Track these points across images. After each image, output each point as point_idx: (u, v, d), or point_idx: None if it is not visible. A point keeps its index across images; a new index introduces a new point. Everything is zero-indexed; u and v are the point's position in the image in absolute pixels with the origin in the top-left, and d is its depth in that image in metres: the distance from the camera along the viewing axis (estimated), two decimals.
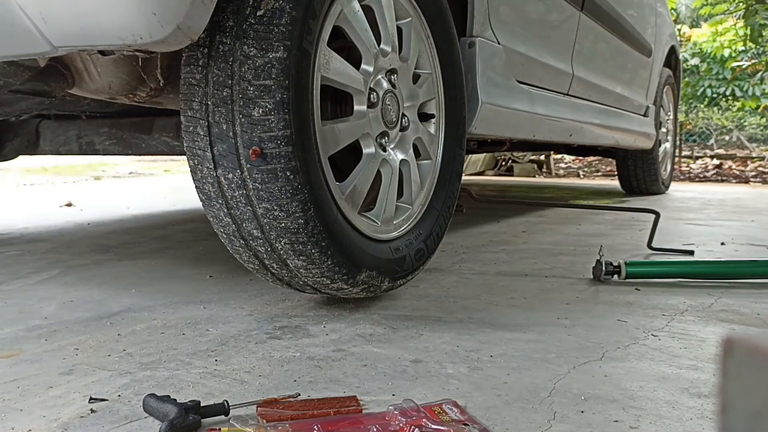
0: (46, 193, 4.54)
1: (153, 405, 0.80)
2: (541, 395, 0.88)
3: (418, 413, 0.78)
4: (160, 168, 7.82)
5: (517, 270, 1.77)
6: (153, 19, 0.86)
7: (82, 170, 7.14)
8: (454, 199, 1.58)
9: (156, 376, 0.96)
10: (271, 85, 1.04)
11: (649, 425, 0.79)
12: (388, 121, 1.35)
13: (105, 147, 1.98)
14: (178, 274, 1.73)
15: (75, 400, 0.88)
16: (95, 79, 1.17)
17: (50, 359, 1.05)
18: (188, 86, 1.09)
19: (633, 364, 1.01)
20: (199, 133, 1.09)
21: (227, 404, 0.80)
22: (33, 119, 2.10)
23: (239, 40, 1.05)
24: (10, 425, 0.80)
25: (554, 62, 2.29)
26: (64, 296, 1.49)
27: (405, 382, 0.93)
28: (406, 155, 1.42)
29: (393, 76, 1.37)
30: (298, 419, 0.79)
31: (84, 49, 0.96)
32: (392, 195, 1.38)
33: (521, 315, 1.30)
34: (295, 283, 1.25)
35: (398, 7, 1.40)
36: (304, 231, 1.11)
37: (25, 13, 0.87)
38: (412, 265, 1.39)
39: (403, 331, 1.19)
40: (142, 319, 1.29)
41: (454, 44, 1.57)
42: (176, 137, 1.86)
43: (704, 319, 1.28)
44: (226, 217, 1.15)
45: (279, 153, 1.06)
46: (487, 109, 1.76)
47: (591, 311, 1.34)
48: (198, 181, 1.14)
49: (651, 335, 1.17)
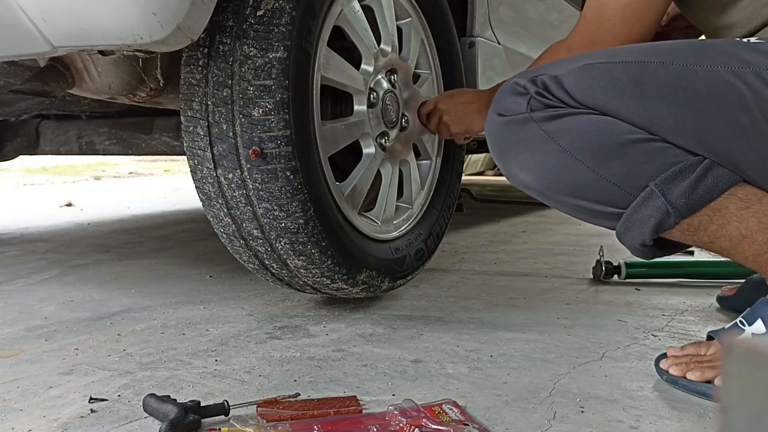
0: (46, 193, 4.55)
1: (153, 405, 0.80)
2: (541, 395, 0.88)
3: (418, 413, 0.78)
4: (160, 168, 7.82)
5: (517, 270, 1.77)
6: (153, 19, 0.86)
7: (82, 170, 7.14)
8: (454, 199, 1.59)
9: (156, 376, 0.96)
10: (271, 85, 1.04)
11: (649, 425, 0.79)
12: (388, 121, 1.35)
13: (105, 147, 1.98)
14: (178, 274, 1.73)
15: (75, 400, 0.88)
16: (95, 79, 1.17)
17: (50, 359, 1.05)
18: (188, 86, 1.09)
19: (633, 364, 1.01)
20: (199, 133, 1.09)
21: (227, 404, 0.80)
22: (33, 119, 2.10)
23: (239, 40, 1.05)
24: (10, 425, 0.80)
25: None
26: (64, 296, 1.49)
27: (405, 382, 0.93)
28: (406, 155, 1.42)
29: (393, 76, 1.37)
30: (298, 419, 0.79)
31: (84, 49, 0.96)
32: (392, 195, 1.38)
33: (521, 315, 1.30)
34: (295, 283, 1.25)
35: (398, 7, 1.40)
36: (304, 231, 1.11)
37: (25, 13, 0.87)
38: (412, 265, 1.39)
39: (403, 331, 1.19)
40: (142, 319, 1.29)
41: (454, 44, 1.57)
42: (176, 137, 1.86)
43: (704, 319, 1.28)
44: (226, 217, 1.15)
45: (279, 153, 1.06)
46: None
47: (591, 311, 1.34)
48: (198, 181, 1.14)
49: (651, 335, 1.17)
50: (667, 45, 0.92)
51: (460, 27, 1.68)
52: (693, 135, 0.86)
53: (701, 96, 0.85)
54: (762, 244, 0.85)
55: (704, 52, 0.87)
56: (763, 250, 0.86)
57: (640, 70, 0.87)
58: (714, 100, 0.85)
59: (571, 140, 0.88)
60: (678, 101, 0.86)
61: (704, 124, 0.85)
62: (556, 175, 0.91)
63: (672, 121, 0.86)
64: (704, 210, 0.87)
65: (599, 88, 0.88)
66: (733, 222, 0.86)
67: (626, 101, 0.87)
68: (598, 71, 0.89)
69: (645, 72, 0.87)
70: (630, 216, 0.90)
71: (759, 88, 0.83)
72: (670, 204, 0.86)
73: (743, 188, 0.87)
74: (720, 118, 0.85)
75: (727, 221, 0.86)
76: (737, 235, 0.86)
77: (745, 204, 0.86)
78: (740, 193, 0.87)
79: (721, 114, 0.85)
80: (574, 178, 0.90)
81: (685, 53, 0.88)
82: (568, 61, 0.93)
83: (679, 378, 0.92)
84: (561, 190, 0.92)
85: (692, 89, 0.85)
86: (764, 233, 0.85)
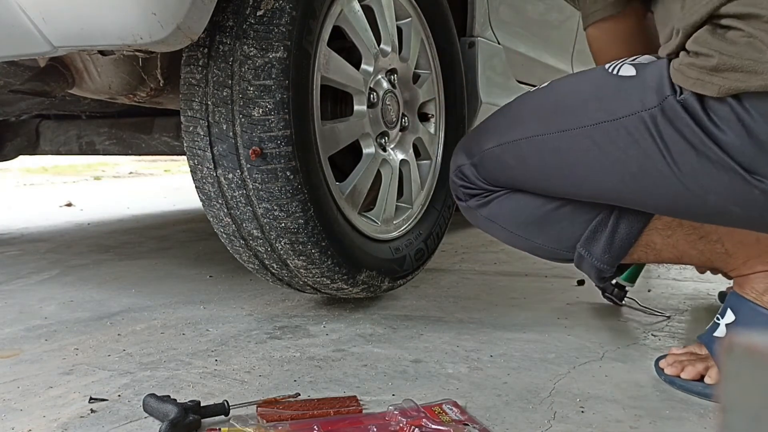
0: (46, 193, 4.55)
1: (153, 405, 0.80)
2: (541, 395, 0.88)
3: (418, 413, 0.78)
4: (160, 168, 7.82)
5: (517, 270, 1.77)
6: (153, 19, 0.86)
7: (82, 170, 7.14)
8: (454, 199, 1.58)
9: (156, 376, 0.96)
10: (271, 85, 1.04)
11: (649, 425, 0.79)
12: (388, 121, 1.35)
13: (105, 147, 1.99)
14: (178, 274, 1.73)
15: (75, 400, 0.88)
16: (95, 79, 1.17)
17: (50, 359, 1.05)
18: (188, 86, 1.09)
19: (633, 364, 1.01)
20: (199, 133, 1.09)
21: (227, 404, 0.80)
22: (33, 119, 2.10)
23: (239, 40, 1.05)
24: (10, 425, 0.80)
25: (554, 62, 2.29)
26: (64, 296, 1.49)
27: (405, 382, 0.93)
28: (406, 155, 1.42)
29: (393, 76, 1.37)
30: (298, 419, 0.79)
31: (84, 49, 0.96)
32: (392, 195, 1.38)
33: (521, 315, 1.30)
34: (295, 283, 1.25)
35: (398, 7, 1.40)
36: (304, 231, 1.11)
37: (25, 13, 0.87)
38: (412, 265, 1.39)
39: (403, 331, 1.19)
40: (142, 319, 1.29)
41: (454, 44, 1.57)
42: (176, 137, 1.86)
43: (704, 319, 1.28)
44: (226, 217, 1.15)
45: (279, 153, 1.06)
46: (487, 108, 1.76)
47: (591, 311, 1.34)
48: (198, 181, 1.14)
49: (651, 335, 1.17)
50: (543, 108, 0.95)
51: (460, 27, 1.68)
52: (581, 193, 0.93)
53: (567, 156, 0.90)
54: (698, 256, 0.95)
55: (568, 113, 0.90)
56: (702, 259, 0.96)
57: (518, 150, 0.94)
58: (576, 155, 0.89)
59: (504, 221, 1.02)
60: (554, 169, 0.92)
61: (581, 180, 0.90)
62: (510, 243, 1.06)
63: (560, 188, 0.94)
64: (635, 248, 0.95)
65: (498, 173, 0.99)
66: (666, 249, 0.95)
67: (521, 180, 0.97)
68: (491, 159, 0.98)
69: (523, 150, 0.94)
70: (577, 267, 1.02)
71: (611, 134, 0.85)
72: (597, 261, 0.97)
73: (660, 219, 0.93)
74: (587, 168, 0.88)
75: (660, 250, 0.96)
76: (674, 257, 0.97)
77: (668, 233, 0.94)
78: (659, 225, 0.94)
79: (586, 164, 0.88)
80: (522, 246, 1.04)
81: (553, 118, 0.91)
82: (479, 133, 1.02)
83: (675, 378, 0.92)
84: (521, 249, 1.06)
85: (559, 154, 0.91)
86: (695, 248, 0.94)
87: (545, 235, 1.00)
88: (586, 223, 0.96)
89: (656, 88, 0.81)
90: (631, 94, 0.83)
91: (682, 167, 0.80)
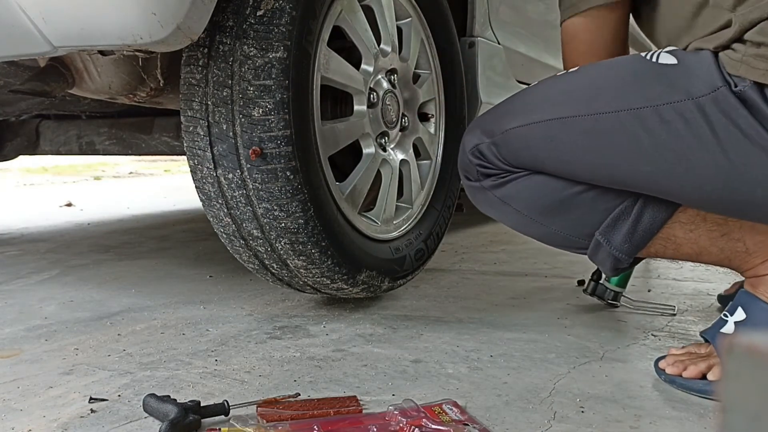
0: (46, 193, 4.55)
1: (153, 405, 0.80)
2: (542, 395, 0.88)
3: (418, 413, 0.78)
4: (160, 168, 7.82)
5: (517, 270, 1.77)
6: (153, 19, 0.86)
7: (82, 170, 7.14)
8: (454, 199, 1.58)
9: (156, 376, 0.96)
10: (271, 85, 1.04)
11: (649, 425, 0.79)
12: (388, 121, 1.35)
13: (105, 147, 1.99)
14: (178, 274, 1.73)
15: (75, 400, 0.88)
16: (95, 79, 1.17)
17: (50, 359, 1.05)
18: (188, 86, 1.09)
19: (633, 364, 1.01)
20: (199, 133, 1.09)
21: (227, 404, 0.80)
22: (33, 119, 2.10)
23: (239, 40, 1.05)
24: (10, 425, 0.80)
25: (554, 62, 2.29)
26: (64, 296, 1.49)
27: (405, 382, 0.93)
28: (406, 155, 1.42)
29: (393, 76, 1.37)
30: (298, 419, 0.79)
31: (84, 49, 0.96)
32: (392, 195, 1.38)
33: (521, 315, 1.30)
34: (295, 283, 1.25)
35: (398, 7, 1.40)
36: (304, 231, 1.11)
37: (25, 13, 0.87)
38: (412, 265, 1.39)
39: (403, 331, 1.19)
40: (142, 319, 1.29)
41: (454, 44, 1.57)
42: (176, 137, 1.86)
43: (704, 319, 1.28)
44: (226, 217, 1.15)
45: (279, 153, 1.06)
46: (487, 108, 1.76)
47: (591, 311, 1.34)
48: (198, 181, 1.14)
49: (651, 335, 1.17)
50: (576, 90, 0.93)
51: (460, 27, 1.68)
52: (611, 179, 0.90)
53: (602, 139, 0.88)
54: (718, 253, 0.93)
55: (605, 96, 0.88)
56: (721, 257, 0.93)
57: (548, 130, 0.91)
58: (612, 138, 0.87)
59: (520, 204, 0.98)
60: (586, 151, 0.89)
61: (614, 164, 0.88)
62: (521, 228, 1.02)
63: (589, 172, 0.91)
64: (654, 241, 0.93)
65: (522, 152, 0.94)
66: (686, 243, 0.93)
67: (546, 162, 0.93)
68: (516, 138, 0.94)
69: (553, 130, 0.91)
70: (590, 257, 0.99)
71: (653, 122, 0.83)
72: (616, 250, 0.94)
73: (685, 212, 0.92)
74: (623, 152, 0.87)
75: (680, 245, 0.93)
76: (693, 252, 0.94)
77: (690, 227, 0.92)
78: (683, 218, 0.92)
79: (623, 148, 0.86)
80: (534, 232, 1.01)
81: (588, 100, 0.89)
82: (500, 114, 0.99)
83: (676, 377, 0.92)
84: (531, 236, 1.03)
85: (594, 136, 0.88)
86: (716, 245, 0.92)
87: (563, 220, 0.96)
88: (608, 210, 0.93)
89: (704, 78, 0.80)
90: (676, 83, 0.82)
91: (734, 158, 0.79)
